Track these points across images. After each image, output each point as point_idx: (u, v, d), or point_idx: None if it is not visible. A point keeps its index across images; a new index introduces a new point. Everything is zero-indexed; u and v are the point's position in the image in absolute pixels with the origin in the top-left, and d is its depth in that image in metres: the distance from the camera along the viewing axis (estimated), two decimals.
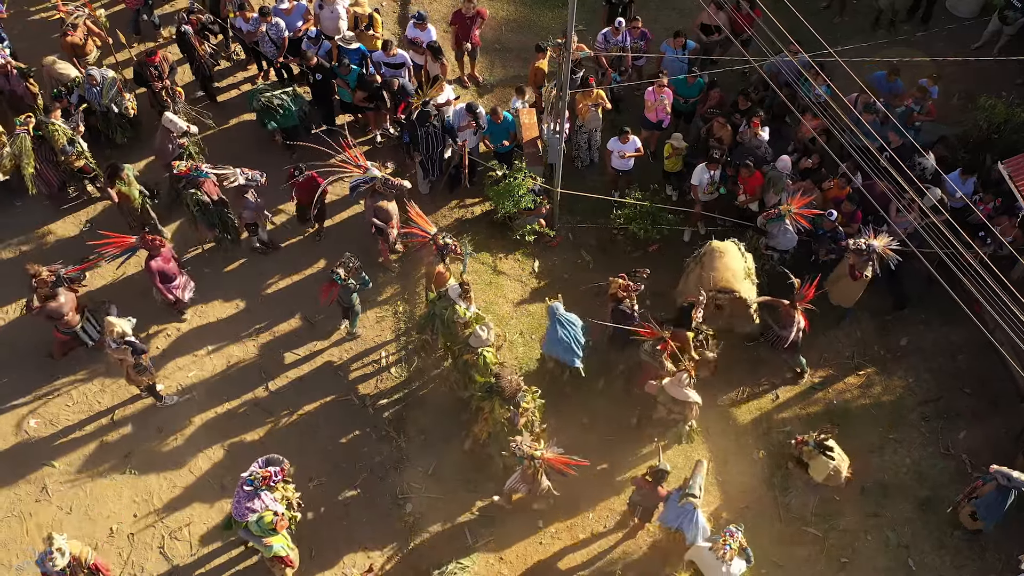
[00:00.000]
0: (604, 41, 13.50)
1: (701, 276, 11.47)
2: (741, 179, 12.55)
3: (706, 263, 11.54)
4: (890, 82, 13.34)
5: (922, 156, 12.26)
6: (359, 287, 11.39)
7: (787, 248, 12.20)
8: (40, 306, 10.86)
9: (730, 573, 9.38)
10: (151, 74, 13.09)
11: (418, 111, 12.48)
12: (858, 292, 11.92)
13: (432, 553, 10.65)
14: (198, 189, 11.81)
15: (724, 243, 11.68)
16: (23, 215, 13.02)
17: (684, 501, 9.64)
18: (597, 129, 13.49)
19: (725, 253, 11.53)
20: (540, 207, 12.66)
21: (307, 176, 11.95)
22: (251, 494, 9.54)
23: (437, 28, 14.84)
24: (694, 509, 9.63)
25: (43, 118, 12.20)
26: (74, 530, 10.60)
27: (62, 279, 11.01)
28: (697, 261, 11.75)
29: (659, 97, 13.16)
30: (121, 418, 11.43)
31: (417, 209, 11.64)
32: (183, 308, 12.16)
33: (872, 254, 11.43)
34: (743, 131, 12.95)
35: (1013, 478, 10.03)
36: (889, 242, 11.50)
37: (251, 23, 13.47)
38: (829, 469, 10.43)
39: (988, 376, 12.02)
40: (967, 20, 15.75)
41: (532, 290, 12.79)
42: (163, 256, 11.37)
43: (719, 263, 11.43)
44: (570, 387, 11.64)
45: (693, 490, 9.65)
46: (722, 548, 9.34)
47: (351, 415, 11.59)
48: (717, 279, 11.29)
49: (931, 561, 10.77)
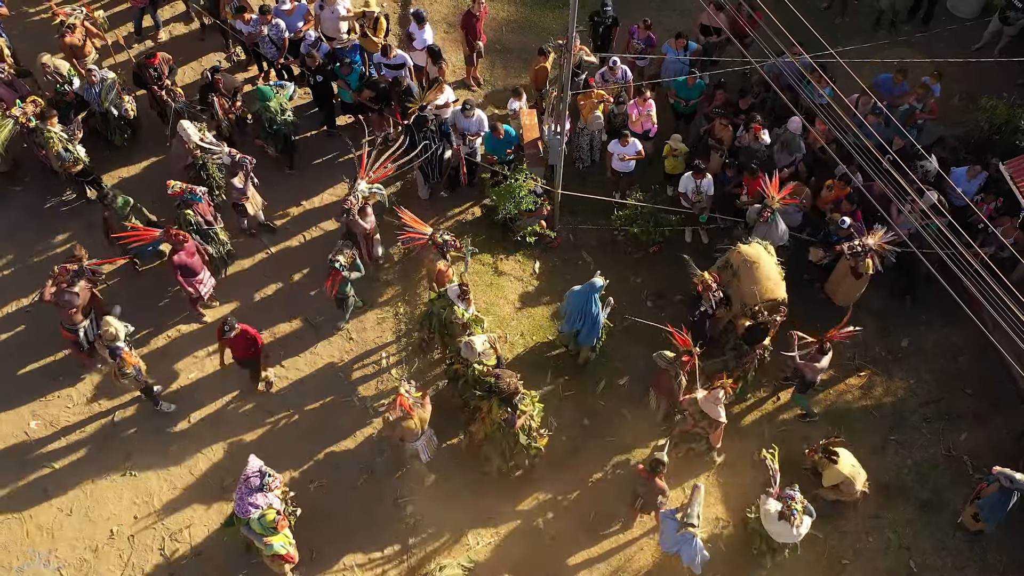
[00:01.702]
0: (603, 80, 13.49)
1: (743, 291, 11.18)
2: (745, 180, 12.53)
3: (743, 275, 11.23)
4: (896, 84, 13.33)
5: (924, 159, 12.25)
6: (353, 274, 11.41)
7: (781, 242, 12.12)
8: (56, 290, 10.83)
9: (800, 532, 9.70)
10: (150, 76, 13.07)
11: (415, 116, 12.45)
12: (861, 288, 11.93)
13: (432, 555, 10.65)
14: (191, 210, 11.80)
15: (753, 249, 11.36)
16: (24, 217, 13.01)
17: (683, 531, 9.59)
18: (599, 130, 13.48)
19: (759, 261, 11.22)
20: (541, 208, 12.65)
21: (239, 331, 10.68)
22: (254, 490, 9.56)
23: (437, 29, 14.85)
24: (695, 537, 9.59)
25: (40, 125, 12.13)
26: (74, 531, 10.62)
27: (84, 270, 11.03)
28: (733, 273, 11.39)
29: (643, 111, 13.17)
30: (121, 420, 11.42)
31: (409, 213, 11.64)
32: (204, 306, 12.15)
33: (868, 252, 11.43)
34: (741, 135, 12.94)
35: (1016, 480, 10.03)
36: (883, 237, 11.50)
37: (251, 25, 13.45)
38: (840, 477, 10.32)
39: (989, 377, 12.02)
40: (968, 21, 15.76)
41: (533, 291, 12.78)
42: (187, 250, 11.36)
43: (758, 274, 11.14)
44: (571, 388, 11.66)
45: (692, 519, 9.58)
46: (789, 513, 9.60)
47: (352, 416, 11.58)
48: (762, 292, 11.04)
49: (932, 562, 10.76)
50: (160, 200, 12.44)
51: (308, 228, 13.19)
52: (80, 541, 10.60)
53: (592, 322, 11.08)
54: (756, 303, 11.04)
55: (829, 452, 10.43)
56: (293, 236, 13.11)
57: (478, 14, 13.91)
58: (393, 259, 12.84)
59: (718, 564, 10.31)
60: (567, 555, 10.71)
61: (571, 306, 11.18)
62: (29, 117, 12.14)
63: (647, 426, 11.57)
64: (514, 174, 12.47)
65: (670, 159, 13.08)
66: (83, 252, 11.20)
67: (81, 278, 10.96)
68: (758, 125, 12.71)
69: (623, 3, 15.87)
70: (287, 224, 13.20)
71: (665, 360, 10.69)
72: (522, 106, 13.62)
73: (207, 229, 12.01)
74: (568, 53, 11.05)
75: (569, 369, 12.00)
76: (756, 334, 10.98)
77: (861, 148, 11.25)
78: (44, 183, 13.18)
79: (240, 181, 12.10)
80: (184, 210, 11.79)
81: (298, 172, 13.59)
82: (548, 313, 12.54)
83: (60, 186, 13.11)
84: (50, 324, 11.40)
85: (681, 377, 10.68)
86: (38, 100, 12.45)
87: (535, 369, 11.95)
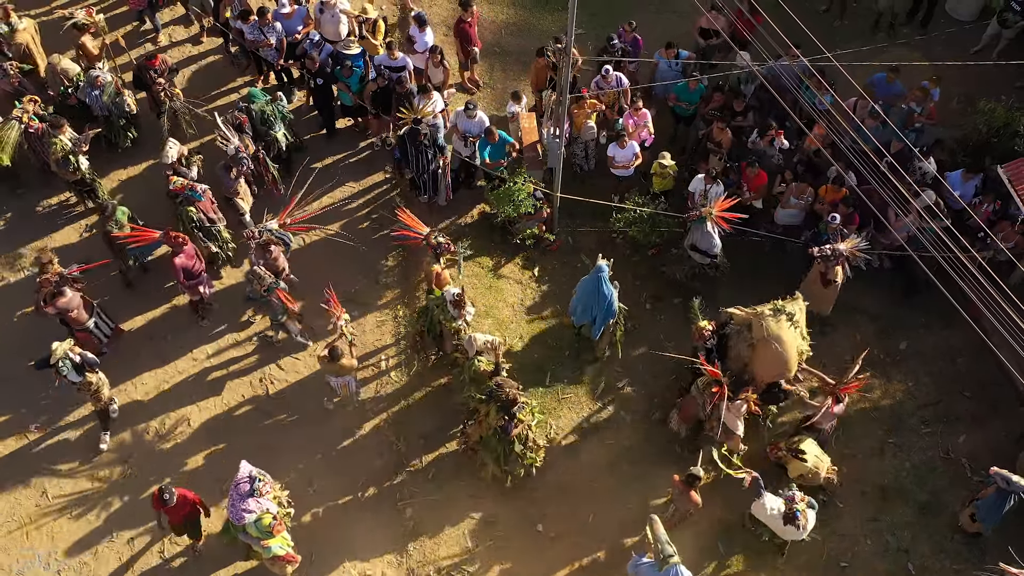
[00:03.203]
0: (597, 88, 13.48)
1: (755, 366, 10.81)
2: (745, 177, 12.52)
3: (760, 351, 10.73)
4: (889, 83, 13.35)
5: (921, 161, 12.27)
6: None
7: (709, 250, 12.05)
8: (49, 304, 10.87)
9: (805, 527, 9.86)
10: (150, 77, 13.09)
11: (408, 128, 12.44)
12: (832, 298, 11.87)
13: (432, 557, 10.67)
14: (193, 207, 11.81)
15: (779, 327, 10.67)
16: (24, 220, 13.03)
17: (666, 566, 9.37)
18: (593, 140, 13.46)
19: (782, 341, 10.62)
20: (540, 211, 12.66)
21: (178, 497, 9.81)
22: (245, 495, 9.55)
23: (437, 32, 14.86)
24: (677, 566, 9.42)
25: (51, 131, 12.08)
26: (73, 534, 10.63)
27: (66, 278, 11.04)
28: (750, 344, 10.85)
29: (638, 121, 13.17)
30: (121, 422, 11.42)
31: (408, 212, 11.65)
32: (206, 309, 12.18)
33: (839, 258, 11.41)
34: (756, 140, 12.92)
35: (1012, 482, 10.05)
36: (856, 244, 11.48)
37: (252, 31, 13.42)
38: (805, 470, 10.53)
39: (988, 380, 12.01)
40: (967, 23, 15.76)
41: (532, 294, 12.80)
42: (186, 253, 11.37)
43: (775, 354, 10.63)
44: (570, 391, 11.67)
45: (667, 551, 9.43)
46: (793, 516, 9.70)
47: (350, 419, 11.59)
48: (773, 373, 10.78)
49: (931, 565, 10.78)
50: (159, 202, 12.47)
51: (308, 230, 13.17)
52: (80, 544, 10.60)
53: (607, 305, 11.24)
54: (764, 383, 10.85)
55: (797, 452, 10.55)
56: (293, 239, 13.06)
57: (469, 20, 13.91)
58: (390, 264, 12.86)
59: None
60: (567, 557, 10.73)
61: (582, 295, 11.32)
62: (32, 116, 12.14)
63: (646, 428, 11.61)
64: (512, 177, 12.48)
65: (657, 178, 13.03)
66: (49, 257, 11.16)
67: (66, 284, 10.98)
68: (778, 131, 12.69)
69: (623, 4, 15.94)
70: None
71: (697, 389, 10.69)
72: (521, 109, 13.62)
73: (209, 227, 12.02)
74: (567, 55, 11.07)
75: (569, 371, 12.02)
76: (773, 398, 11.12)
77: (859, 152, 11.27)
78: (43, 184, 13.18)
79: (234, 175, 12.11)
80: (186, 207, 11.80)
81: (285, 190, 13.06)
82: (547, 315, 12.55)
83: (59, 188, 13.10)
84: (50, 326, 11.42)
85: (706, 403, 10.62)
86: (36, 98, 12.45)
87: (534, 371, 11.97)
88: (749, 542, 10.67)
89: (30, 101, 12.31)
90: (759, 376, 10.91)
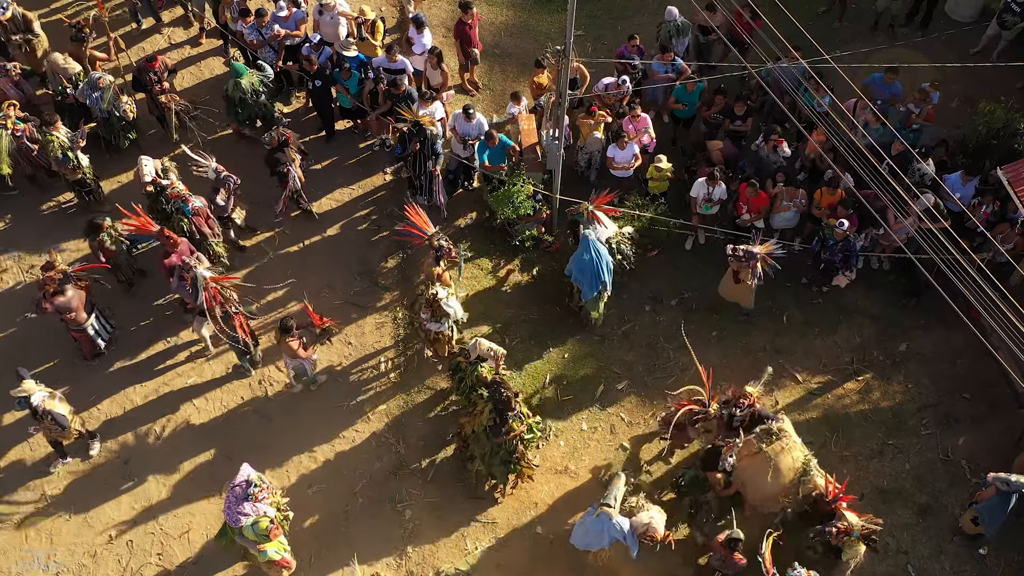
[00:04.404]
0: (604, 90, 13.49)
1: (757, 480, 10.21)
2: (743, 198, 12.42)
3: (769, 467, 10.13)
4: (887, 83, 13.35)
5: (920, 163, 12.25)
6: None
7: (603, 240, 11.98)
8: (48, 302, 10.87)
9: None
10: (150, 79, 13.09)
11: (407, 132, 12.42)
12: (748, 294, 11.89)
13: (431, 559, 10.66)
14: (187, 219, 11.76)
15: (786, 461, 10.13)
16: (22, 221, 13.03)
17: (599, 512, 9.40)
18: (598, 151, 13.44)
19: (779, 471, 10.10)
20: (540, 213, 12.66)
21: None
22: (241, 498, 9.52)
23: (436, 33, 14.85)
24: (610, 519, 9.39)
25: (44, 129, 12.12)
26: (73, 536, 10.64)
27: (70, 276, 11.05)
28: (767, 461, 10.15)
29: (638, 126, 13.16)
30: (120, 425, 11.42)
31: (417, 208, 11.65)
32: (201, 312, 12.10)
33: (751, 260, 11.40)
34: (760, 145, 12.91)
35: (1011, 482, 10.03)
36: (772, 249, 11.43)
37: (251, 32, 13.43)
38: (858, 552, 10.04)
39: (987, 381, 12.00)
40: (966, 24, 15.74)
41: (532, 295, 12.79)
42: (178, 254, 11.32)
43: (773, 476, 10.14)
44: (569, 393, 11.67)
45: (608, 500, 9.38)
46: None
47: (350, 421, 11.59)
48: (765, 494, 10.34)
49: (930, 567, 10.77)
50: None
51: (309, 231, 13.19)
52: (78, 546, 10.61)
53: (607, 264, 11.47)
54: (755, 504, 10.50)
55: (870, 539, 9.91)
56: (293, 242, 13.11)
57: (470, 22, 13.91)
58: (390, 266, 12.86)
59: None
60: (566, 558, 10.71)
61: (582, 270, 11.49)
62: (15, 121, 12.14)
63: (644, 431, 11.61)
64: (512, 179, 12.47)
65: (653, 181, 13.01)
66: (56, 256, 11.20)
67: (69, 283, 10.98)
68: (779, 138, 12.69)
69: (623, 5, 15.94)
70: (287, 228, 13.20)
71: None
72: (521, 110, 13.62)
73: (199, 240, 11.91)
74: (566, 58, 11.07)
75: (568, 373, 12.03)
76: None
77: (858, 154, 11.26)
78: (42, 184, 13.18)
79: (223, 198, 12.05)
80: (179, 218, 11.75)
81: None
82: (548, 317, 12.55)
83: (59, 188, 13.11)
84: (49, 328, 11.42)
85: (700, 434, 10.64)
86: (15, 103, 12.46)
87: (532, 374, 11.99)
88: None
89: (9, 106, 12.29)
90: (749, 497, 10.44)
